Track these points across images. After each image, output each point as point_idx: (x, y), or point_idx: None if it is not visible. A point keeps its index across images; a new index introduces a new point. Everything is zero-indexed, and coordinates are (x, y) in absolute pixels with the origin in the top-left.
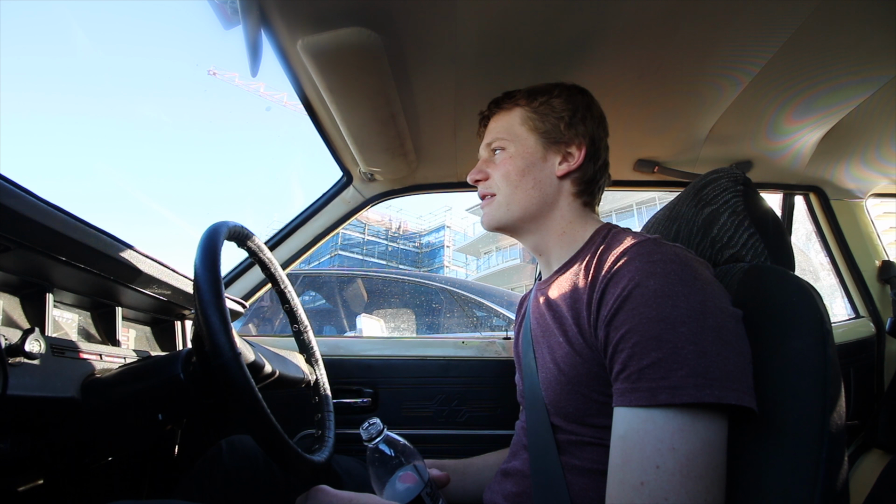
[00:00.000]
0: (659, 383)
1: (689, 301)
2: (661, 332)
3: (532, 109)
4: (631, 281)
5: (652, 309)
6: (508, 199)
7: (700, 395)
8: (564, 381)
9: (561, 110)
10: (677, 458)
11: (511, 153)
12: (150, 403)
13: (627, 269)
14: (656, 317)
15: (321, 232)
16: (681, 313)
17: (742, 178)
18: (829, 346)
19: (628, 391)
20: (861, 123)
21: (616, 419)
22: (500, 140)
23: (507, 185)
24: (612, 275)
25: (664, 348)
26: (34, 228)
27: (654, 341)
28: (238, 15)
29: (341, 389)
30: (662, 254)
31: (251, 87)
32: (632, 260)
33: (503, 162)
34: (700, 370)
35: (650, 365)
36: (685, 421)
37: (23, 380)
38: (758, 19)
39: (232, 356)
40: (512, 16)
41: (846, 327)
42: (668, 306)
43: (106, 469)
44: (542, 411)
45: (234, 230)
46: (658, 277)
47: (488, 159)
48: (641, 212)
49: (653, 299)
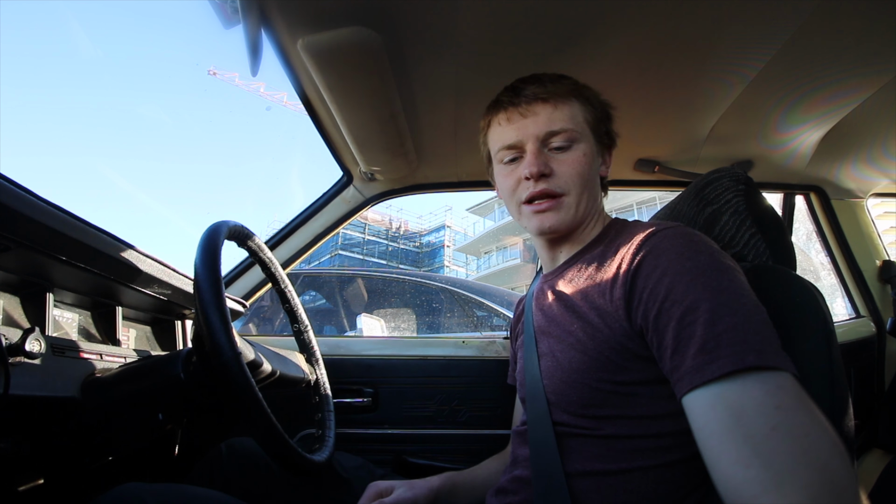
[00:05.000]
0: (742, 347)
1: (732, 275)
2: (727, 300)
3: (589, 102)
4: (673, 257)
5: (711, 279)
6: (578, 201)
7: (777, 359)
8: (571, 371)
9: (603, 109)
10: (787, 413)
11: (583, 150)
12: (150, 403)
13: (665, 247)
14: (717, 287)
15: (321, 232)
16: (735, 285)
17: (744, 178)
18: (834, 347)
19: (708, 362)
20: (861, 123)
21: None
22: (570, 132)
23: (581, 185)
24: (645, 255)
25: (738, 314)
26: (34, 228)
27: (725, 308)
28: (238, 14)
29: (341, 389)
30: (690, 233)
31: (251, 87)
32: (666, 238)
33: (577, 160)
34: (770, 337)
35: (726, 330)
36: (776, 381)
37: (23, 379)
38: (758, 19)
39: (232, 356)
40: (512, 15)
41: (847, 327)
42: (723, 279)
43: (106, 469)
44: (544, 404)
45: (234, 230)
46: (702, 254)
47: (543, 152)
48: (641, 211)
49: (707, 272)
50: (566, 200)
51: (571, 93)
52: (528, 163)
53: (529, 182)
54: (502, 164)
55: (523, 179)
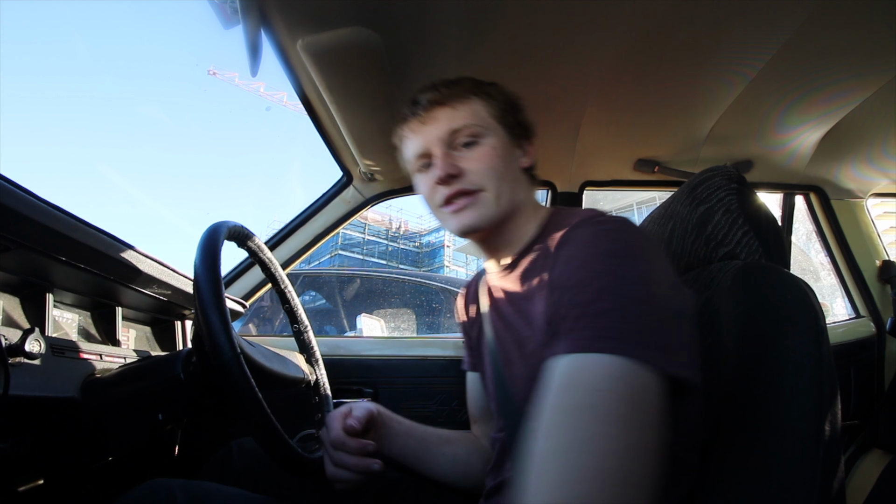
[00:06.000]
0: (604, 333)
1: (639, 264)
2: (612, 286)
3: (490, 98)
4: (580, 246)
5: (613, 266)
6: (497, 194)
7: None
8: (537, 378)
9: (508, 101)
10: (610, 400)
11: (492, 144)
12: (150, 403)
13: (576, 235)
14: (605, 271)
15: (321, 232)
16: (637, 274)
17: (736, 176)
18: (824, 345)
19: (574, 338)
20: (861, 123)
21: (548, 367)
22: (473, 127)
23: (496, 178)
24: (562, 249)
25: (615, 300)
26: (34, 228)
27: (606, 293)
28: (238, 14)
29: (341, 389)
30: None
31: (251, 87)
32: (578, 229)
33: (485, 154)
34: (657, 330)
35: (606, 311)
36: (624, 369)
37: (23, 380)
38: (758, 19)
39: (232, 356)
40: (512, 16)
41: (846, 327)
42: (625, 266)
43: (106, 469)
44: (518, 411)
45: (234, 230)
46: (609, 242)
47: (450, 153)
48: (641, 211)
49: (604, 257)
50: (484, 196)
51: (469, 91)
52: (436, 167)
53: (443, 186)
54: (419, 174)
55: (437, 184)
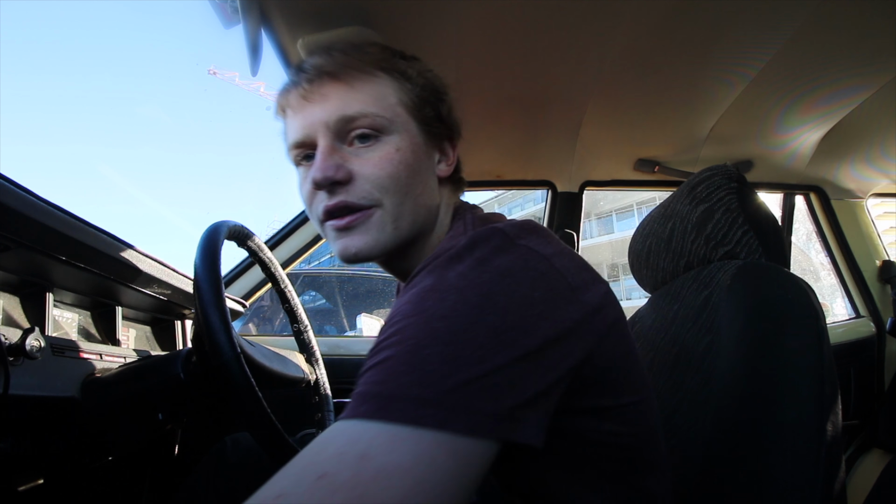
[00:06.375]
0: (372, 388)
1: (463, 294)
2: (405, 326)
3: (405, 78)
4: (423, 277)
5: (409, 304)
6: (397, 214)
7: (419, 414)
8: None
9: (429, 86)
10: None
11: (397, 144)
12: (150, 403)
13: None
14: (410, 311)
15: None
16: (444, 307)
17: (736, 176)
18: (825, 345)
19: (353, 399)
20: (861, 123)
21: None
22: (375, 118)
23: (398, 192)
24: (416, 276)
25: (403, 345)
26: (34, 228)
27: (394, 337)
28: (238, 14)
29: (341, 389)
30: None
31: (251, 87)
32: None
33: (386, 157)
34: (437, 379)
35: (373, 366)
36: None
37: (23, 379)
38: (758, 19)
39: (232, 356)
40: (512, 16)
41: (846, 327)
42: (430, 299)
43: (106, 469)
44: None
45: (234, 230)
46: (445, 267)
47: (339, 149)
48: (641, 211)
49: (419, 292)
50: (377, 215)
51: (375, 64)
52: (315, 166)
53: (325, 193)
54: (299, 168)
55: (315, 189)
